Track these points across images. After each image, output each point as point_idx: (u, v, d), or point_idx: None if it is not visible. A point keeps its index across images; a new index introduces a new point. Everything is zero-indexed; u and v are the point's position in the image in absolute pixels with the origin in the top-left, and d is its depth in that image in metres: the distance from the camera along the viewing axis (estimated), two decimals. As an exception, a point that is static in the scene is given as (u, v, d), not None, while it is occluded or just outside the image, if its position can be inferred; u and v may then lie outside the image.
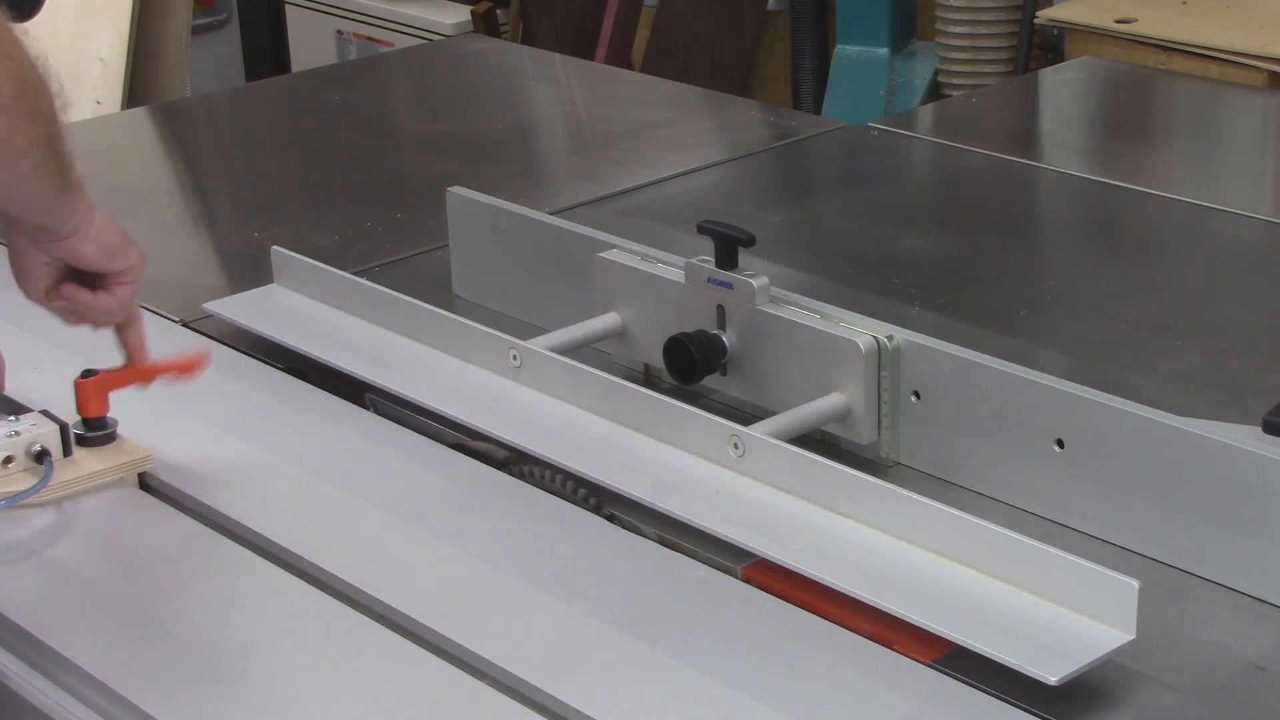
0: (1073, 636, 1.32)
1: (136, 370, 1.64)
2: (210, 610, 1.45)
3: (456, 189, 2.04)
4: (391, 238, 2.24)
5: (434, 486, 1.62)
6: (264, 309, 1.95)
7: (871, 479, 1.47)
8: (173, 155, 2.74)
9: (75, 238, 1.50)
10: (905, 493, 1.44)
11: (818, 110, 4.76)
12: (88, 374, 1.64)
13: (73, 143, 1.45)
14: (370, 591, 1.44)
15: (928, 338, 1.62)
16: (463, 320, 1.80)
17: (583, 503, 1.59)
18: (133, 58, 3.48)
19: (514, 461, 1.67)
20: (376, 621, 1.42)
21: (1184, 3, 3.85)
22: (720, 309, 1.72)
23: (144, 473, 1.64)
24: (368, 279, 1.92)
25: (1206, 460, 1.44)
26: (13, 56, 1.35)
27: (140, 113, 3.13)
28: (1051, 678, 1.28)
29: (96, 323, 1.59)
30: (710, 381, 1.74)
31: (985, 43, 4.44)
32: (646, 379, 1.83)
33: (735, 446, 1.55)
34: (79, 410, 1.63)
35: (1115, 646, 1.31)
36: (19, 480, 1.58)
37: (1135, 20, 3.73)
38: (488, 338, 1.76)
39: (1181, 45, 3.62)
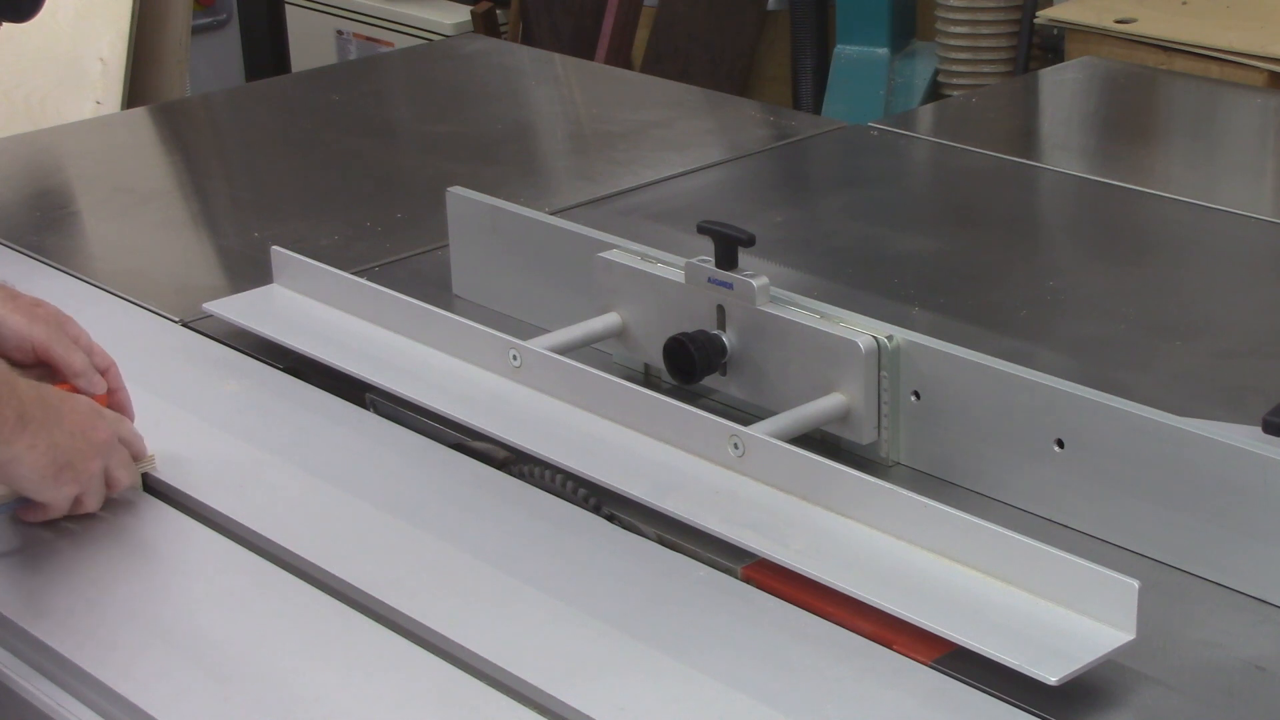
0: (1073, 636, 1.32)
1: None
2: (210, 610, 1.45)
3: (456, 189, 2.04)
4: (391, 238, 2.24)
5: (434, 486, 1.62)
6: (264, 309, 1.95)
7: (871, 479, 1.47)
8: (173, 155, 2.74)
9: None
10: (905, 493, 1.44)
11: (818, 110, 4.77)
12: None
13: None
14: (370, 591, 1.44)
15: (928, 338, 1.62)
16: (463, 320, 1.80)
17: (583, 503, 1.59)
18: (133, 58, 3.48)
19: (514, 461, 1.67)
20: (377, 621, 1.42)
21: (1184, 3, 3.85)
22: (720, 309, 1.72)
23: (146, 473, 1.64)
24: (368, 279, 1.92)
25: (1206, 460, 1.44)
26: None
27: (140, 113, 3.13)
28: (1051, 678, 1.28)
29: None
30: (710, 381, 1.74)
31: (985, 43, 4.45)
32: (646, 379, 1.83)
33: (735, 446, 1.55)
34: None
35: (1115, 646, 1.31)
36: None
37: (1135, 20, 3.73)
38: (488, 338, 1.76)
39: (1181, 45, 3.63)
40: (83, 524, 1.58)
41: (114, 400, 1.65)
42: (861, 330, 1.63)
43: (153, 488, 1.64)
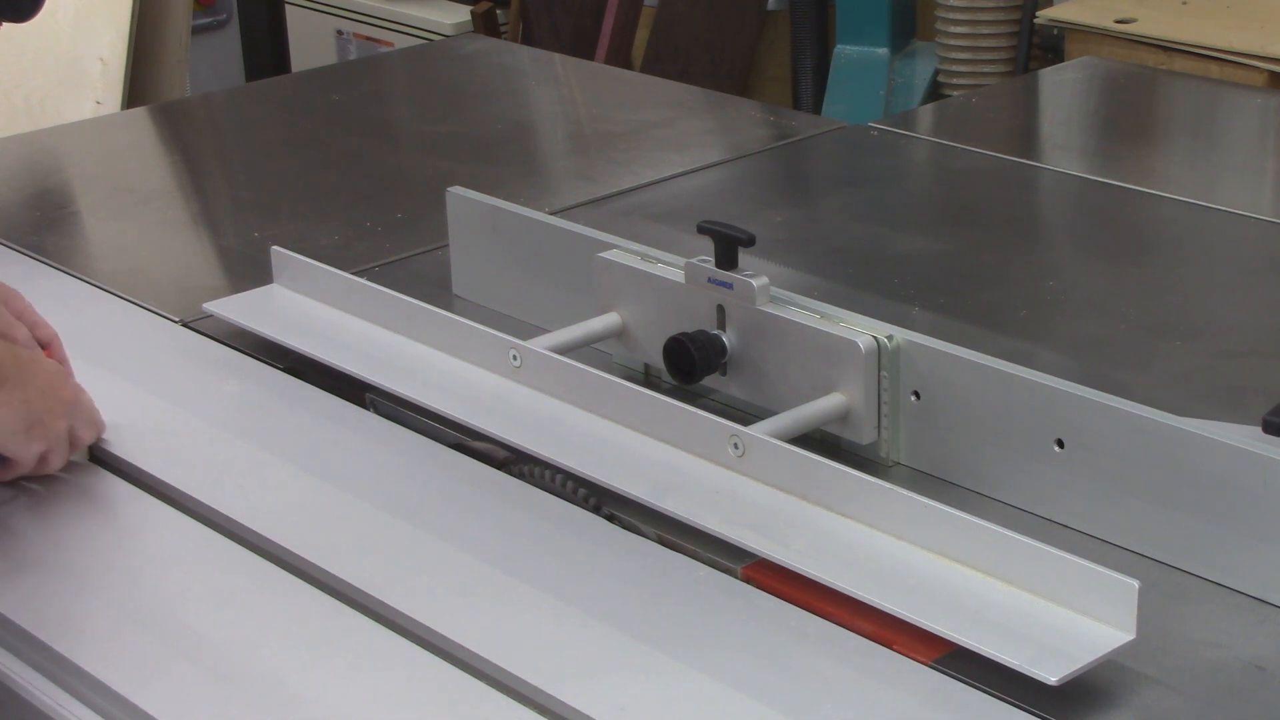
0: (1073, 636, 1.32)
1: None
2: (209, 609, 1.45)
3: (456, 189, 2.04)
4: (391, 238, 2.24)
5: (434, 486, 1.62)
6: (264, 309, 1.95)
7: (871, 479, 1.47)
8: (173, 155, 2.74)
9: None
10: (905, 493, 1.44)
11: (818, 110, 4.77)
12: None
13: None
14: (370, 591, 1.44)
15: (928, 338, 1.62)
16: (463, 320, 1.80)
17: (583, 503, 1.59)
18: (133, 58, 3.48)
19: (514, 461, 1.67)
20: (376, 621, 1.42)
21: (1184, 3, 3.86)
22: (720, 309, 1.72)
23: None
24: (368, 279, 1.92)
25: (1206, 460, 1.44)
26: None
27: (140, 113, 3.13)
28: (1051, 678, 1.28)
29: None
30: (710, 381, 1.74)
31: (985, 43, 4.45)
32: (646, 379, 1.83)
33: (735, 446, 1.55)
34: None
35: (1115, 646, 1.31)
36: None
37: (1135, 20, 3.73)
38: (488, 338, 1.76)
39: (1181, 45, 3.63)
40: (76, 520, 1.58)
41: None
42: (861, 330, 1.63)
43: (153, 487, 1.64)
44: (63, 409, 1.58)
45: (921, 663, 1.35)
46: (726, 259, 1.71)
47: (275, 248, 2.01)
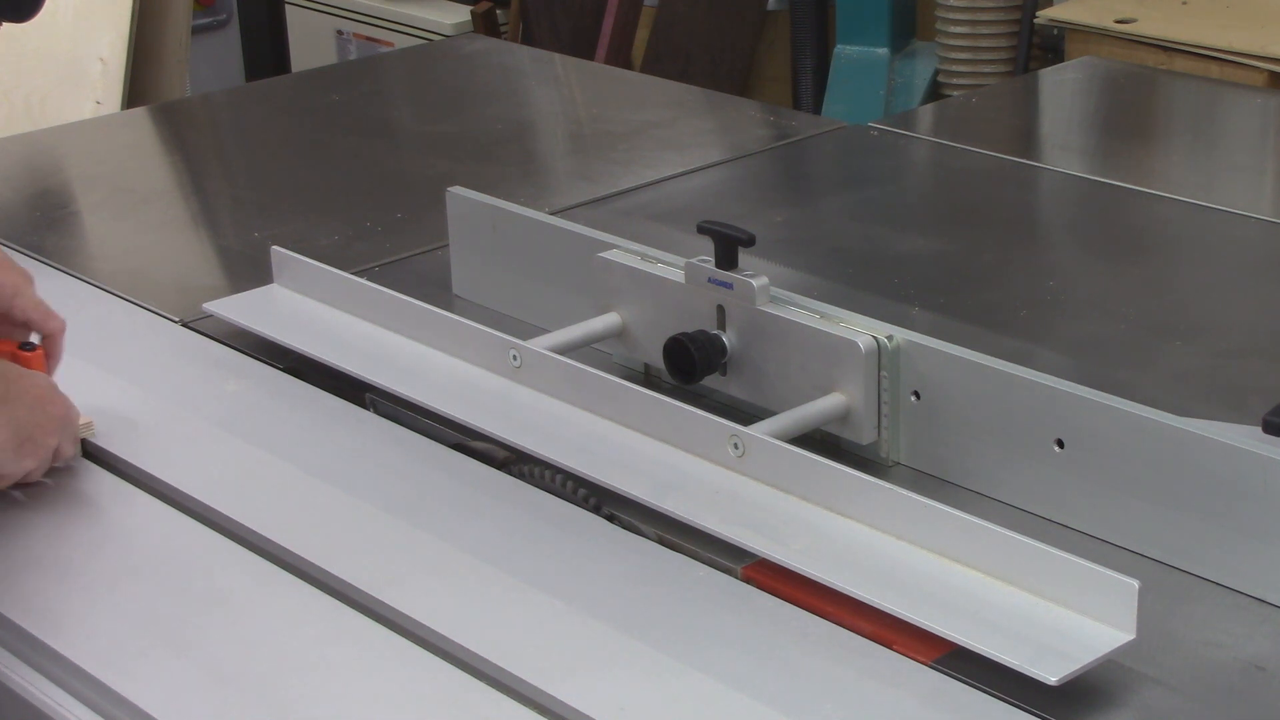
0: (1073, 636, 1.32)
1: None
2: (208, 609, 1.45)
3: (456, 189, 2.04)
4: (391, 238, 2.24)
5: (434, 486, 1.62)
6: (264, 309, 1.95)
7: (871, 479, 1.47)
8: (173, 155, 2.74)
9: None
10: (905, 493, 1.44)
11: (818, 110, 4.77)
12: (26, 346, 1.66)
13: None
14: (370, 592, 1.44)
15: (928, 338, 1.62)
16: (463, 320, 1.80)
17: (583, 503, 1.59)
18: (133, 58, 3.48)
19: (514, 461, 1.67)
20: (376, 621, 1.42)
21: (1184, 3, 3.86)
22: (720, 309, 1.72)
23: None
24: (368, 279, 1.92)
25: (1206, 460, 1.44)
26: None
27: (140, 113, 3.13)
28: (1051, 678, 1.28)
29: None
30: (710, 381, 1.74)
31: (985, 43, 4.45)
32: (646, 379, 1.83)
33: (735, 446, 1.55)
34: None
35: (1115, 646, 1.31)
36: None
37: (1135, 20, 3.73)
38: (488, 338, 1.76)
39: (1181, 45, 3.63)
40: (75, 518, 1.58)
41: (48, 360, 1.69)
42: (861, 330, 1.63)
43: (152, 486, 1.64)
44: (53, 426, 1.58)
45: (921, 663, 1.35)
46: (726, 259, 1.71)
47: (275, 248, 2.01)
